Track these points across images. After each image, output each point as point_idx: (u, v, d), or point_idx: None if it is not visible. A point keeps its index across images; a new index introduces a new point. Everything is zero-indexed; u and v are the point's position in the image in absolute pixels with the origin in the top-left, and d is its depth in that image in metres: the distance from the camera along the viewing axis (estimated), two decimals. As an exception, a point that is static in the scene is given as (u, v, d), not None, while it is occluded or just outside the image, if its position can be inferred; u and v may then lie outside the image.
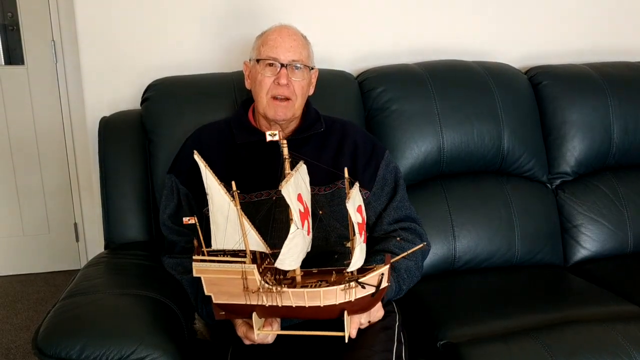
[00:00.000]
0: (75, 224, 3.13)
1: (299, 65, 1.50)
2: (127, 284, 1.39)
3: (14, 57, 2.95)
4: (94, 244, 2.91)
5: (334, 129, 1.60)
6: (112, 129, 1.78)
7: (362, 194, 1.25)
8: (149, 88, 1.81)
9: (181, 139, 1.63)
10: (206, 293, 1.20)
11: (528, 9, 2.22)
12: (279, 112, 1.51)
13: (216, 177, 1.18)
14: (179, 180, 1.53)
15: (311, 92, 1.61)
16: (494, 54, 2.17)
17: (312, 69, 1.58)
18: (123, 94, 1.96)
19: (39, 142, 3.02)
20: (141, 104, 1.82)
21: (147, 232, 1.73)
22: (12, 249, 3.11)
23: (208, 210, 1.27)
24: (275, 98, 1.50)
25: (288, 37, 1.51)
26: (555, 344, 1.39)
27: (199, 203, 1.48)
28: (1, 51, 2.94)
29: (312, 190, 1.26)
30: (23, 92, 2.96)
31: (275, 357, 1.29)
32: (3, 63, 2.95)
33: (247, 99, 1.64)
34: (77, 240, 3.14)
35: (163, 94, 1.78)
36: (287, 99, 1.50)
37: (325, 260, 1.37)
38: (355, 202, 1.16)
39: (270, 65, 1.50)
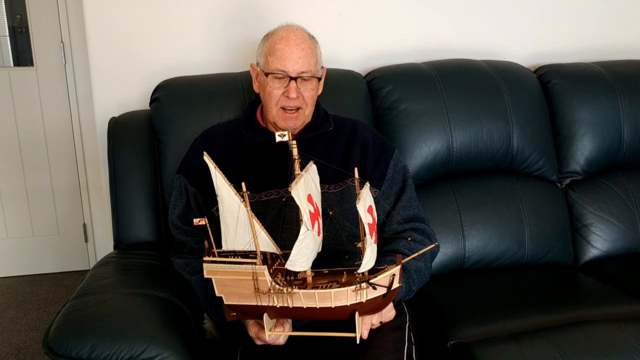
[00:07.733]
0: (85, 225, 3.14)
1: (307, 76, 1.48)
2: (137, 283, 1.39)
3: (23, 58, 2.97)
4: (103, 245, 2.93)
5: (344, 127, 1.59)
6: (121, 130, 1.79)
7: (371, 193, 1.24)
8: (158, 88, 1.82)
9: (190, 139, 1.64)
10: (217, 294, 1.20)
11: (537, 8, 2.20)
12: (289, 122, 1.51)
13: (226, 179, 1.17)
14: (188, 180, 1.53)
15: (320, 91, 1.60)
16: (503, 52, 2.16)
17: (321, 68, 1.57)
18: (132, 95, 1.97)
19: (48, 143, 3.03)
20: (150, 104, 1.82)
21: (156, 232, 1.73)
22: (21, 249, 3.12)
23: (217, 210, 1.28)
24: (285, 109, 1.49)
25: (296, 46, 1.46)
26: (566, 344, 1.38)
27: (208, 203, 1.49)
28: (10, 53, 2.96)
29: (321, 189, 1.26)
30: (32, 94, 2.97)
31: (286, 357, 1.29)
32: (12, 65, 2.97)
33: (255, 100, 1.64)
34: (86, 240, 3.16)
35: (172, 95, 1.78)
36: (297, 108, 1.50)
37: (336, 260, 1.37)
38: (365, 202, 1.15)
39: (279, 77, 1.48)
